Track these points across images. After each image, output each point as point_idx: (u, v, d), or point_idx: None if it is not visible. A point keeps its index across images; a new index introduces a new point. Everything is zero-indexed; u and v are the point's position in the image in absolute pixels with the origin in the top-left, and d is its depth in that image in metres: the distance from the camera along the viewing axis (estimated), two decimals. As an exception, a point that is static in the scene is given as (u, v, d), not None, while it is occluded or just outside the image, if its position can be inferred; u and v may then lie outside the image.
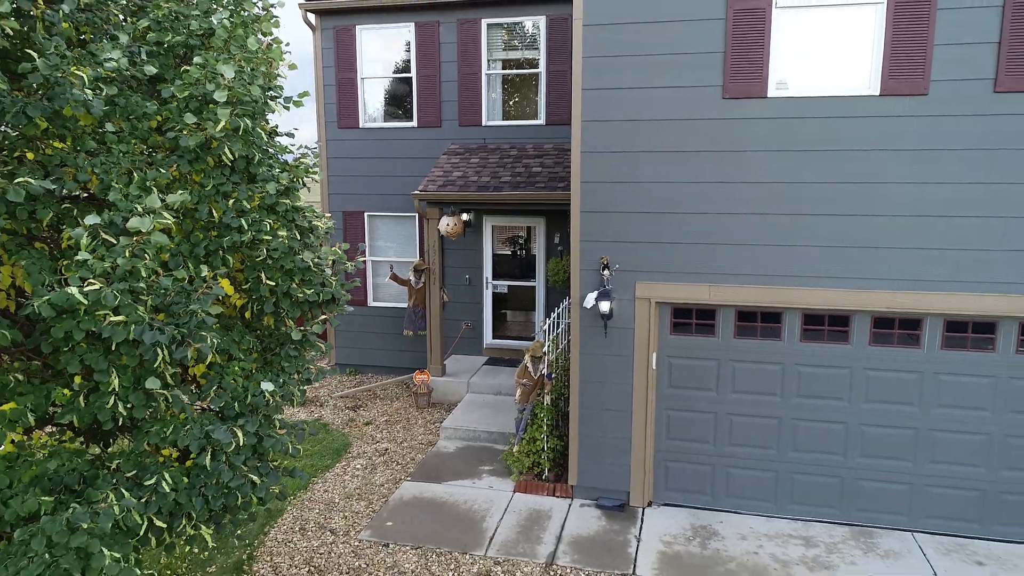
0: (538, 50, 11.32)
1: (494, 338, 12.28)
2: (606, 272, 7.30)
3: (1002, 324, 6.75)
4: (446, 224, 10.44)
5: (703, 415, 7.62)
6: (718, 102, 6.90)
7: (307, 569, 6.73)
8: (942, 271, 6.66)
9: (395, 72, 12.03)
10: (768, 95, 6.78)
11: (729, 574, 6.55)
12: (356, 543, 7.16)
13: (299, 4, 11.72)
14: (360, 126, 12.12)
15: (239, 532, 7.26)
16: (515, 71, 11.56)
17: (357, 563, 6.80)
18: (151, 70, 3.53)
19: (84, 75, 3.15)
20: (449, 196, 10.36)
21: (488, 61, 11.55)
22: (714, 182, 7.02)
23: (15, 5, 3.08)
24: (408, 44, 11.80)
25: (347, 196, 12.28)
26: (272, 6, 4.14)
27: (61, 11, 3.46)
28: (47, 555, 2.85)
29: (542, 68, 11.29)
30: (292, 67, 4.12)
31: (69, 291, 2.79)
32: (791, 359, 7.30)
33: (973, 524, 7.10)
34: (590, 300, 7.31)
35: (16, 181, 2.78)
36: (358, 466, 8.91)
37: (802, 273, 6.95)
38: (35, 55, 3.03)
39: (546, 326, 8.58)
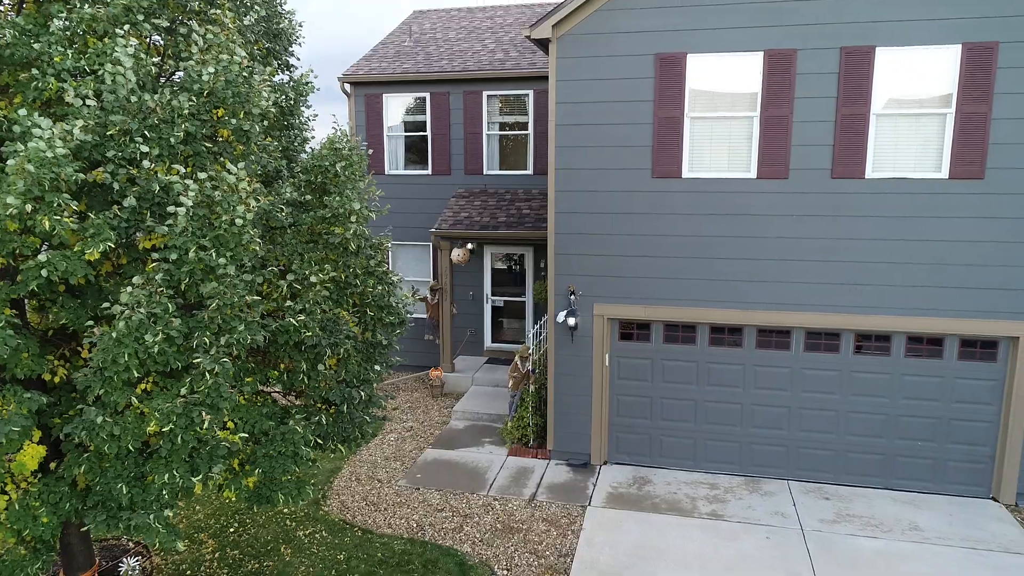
0: (527, 115, 14.35)
1: (493, 342, 15.30)
2: (573, 297, 10.33)
3: (843, 334, 9.80)
4: (456, 254, 13.46)
5: (642, 399, 10.64)
6: (649, 179, 9.93)
7: (364, 503, 9.74)
8: (801, 297, 9.70)
9: (414, 130, 15.05)
10: (683, 176, 9.82)
11: (654, 505, 9.57)
12: (396, 488, 10.16)
13: (337, 77, 14.75)
14: (385, 172, 15.12)
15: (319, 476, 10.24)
16: (509, 132, 14.59)
17: (398, 499, 9.81)
18: (307, 198, 6.55)
19: (282, 207, 6.13)
20: (458, 233, 13.38)
21: (488, 123, 14.58)
22: (647, 235, 10.05)
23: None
24: (424, 109, 14.82)
25: (374, 229, 15.24)
26: (366, 154, 7.08)
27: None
28: (281, 446, 5.80)
29: (530, 130, 14.32)
30: (375, 188, 7.13)
31: (289, 320, 5.76)
32: (703, 358, 10.32)
33: (828, 475, 10.13)
34: (561, 316, 10.33)
35: (267, 270, 5.74)
36: (391, 439, 11.91)
37: (707, 298, 9.97)
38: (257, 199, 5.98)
39: (531, 334, 11.61)
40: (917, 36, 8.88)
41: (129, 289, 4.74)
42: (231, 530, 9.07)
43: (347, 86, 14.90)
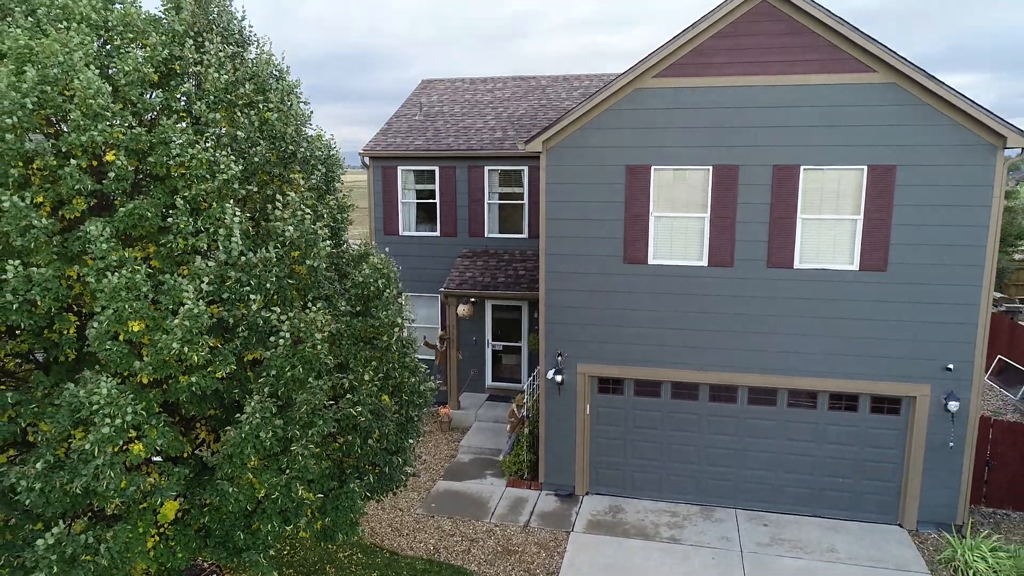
0: (523, 187, 16.60)
1: (493, 380, 17.54)
2: (560, 358, 12.59)
3: (779, 392, 12.07)
4: (462, 309, 15.71)
5: (617, 441, 12.89)
6: (621, 264, 12.19)
7: (389, 529, 11.97)
8: (744, 362, 11.96)
9: (424, 197, 17.29)
10: (648, 262, 12.08)
11: (625, 531, 11.82)
12: (415, 515, 12.40)
13: (359, 153, 16.99)
14: (399, 234, 17.36)
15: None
16: (507, 200, 16.84)
17: (417, 526, 12.05)
18: (357, 308, 8.80)
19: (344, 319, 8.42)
20: (464, 292, 15.63)
21: (489, 192, 16.82)
22: (620, 309, 12.30)
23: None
24: (434, 179, 17.06)
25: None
26: (399, 272, 9.33)
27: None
28: (344, 501, 8.01)
29: (525, 199, 16.57)
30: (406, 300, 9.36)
31: (349, 411, 7.97)
32: (667, 409, 12.58)
33: (768, 504, 12.40)
34: (551, 374, 12.59)
35: (334, 376, 7.98)
36: (408, 470, 14.11)
37: (669, 361, 12.23)
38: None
39: (525, 385, 13.86)
40: (832, 159, 11.15)
41: (251, 403, 6.98)
42: (285, 552, 11.30)
43: (366, 159, 17.13)
